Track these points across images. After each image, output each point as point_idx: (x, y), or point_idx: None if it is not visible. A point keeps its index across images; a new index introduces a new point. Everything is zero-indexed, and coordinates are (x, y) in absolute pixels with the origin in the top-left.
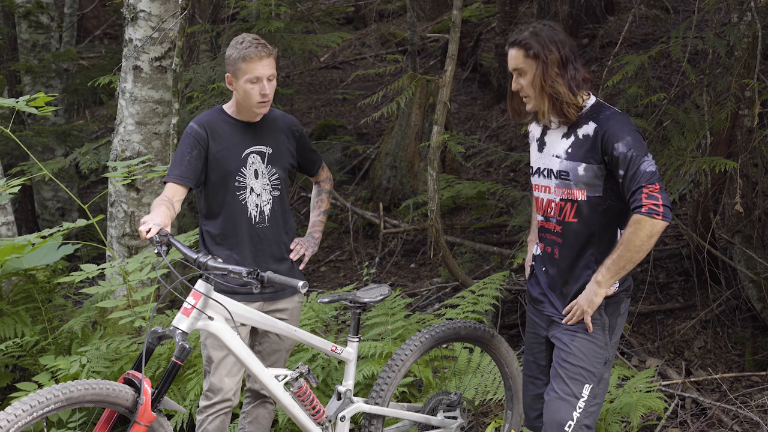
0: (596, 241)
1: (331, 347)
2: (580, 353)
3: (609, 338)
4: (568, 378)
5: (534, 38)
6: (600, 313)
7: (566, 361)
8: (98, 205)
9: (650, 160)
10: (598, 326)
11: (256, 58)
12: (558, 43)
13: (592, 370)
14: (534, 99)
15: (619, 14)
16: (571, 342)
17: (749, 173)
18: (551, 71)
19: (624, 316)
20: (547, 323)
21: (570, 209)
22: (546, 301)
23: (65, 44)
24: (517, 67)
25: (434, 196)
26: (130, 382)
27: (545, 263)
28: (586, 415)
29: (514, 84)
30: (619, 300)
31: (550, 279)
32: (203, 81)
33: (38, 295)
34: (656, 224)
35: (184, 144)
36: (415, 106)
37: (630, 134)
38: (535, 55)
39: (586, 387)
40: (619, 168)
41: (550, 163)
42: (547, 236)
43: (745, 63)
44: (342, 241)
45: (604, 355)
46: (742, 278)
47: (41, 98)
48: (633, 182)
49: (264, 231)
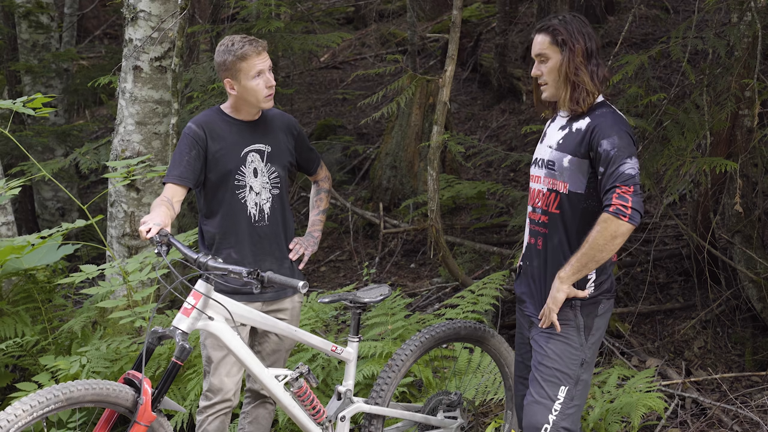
0: (571, 241)
1: (331, 347)
2: (555, 355)
3: (585, 339)
4: (543, 381)
5: (563, 26)
6: (575, 314)
7: (541, 364)
8: (98, 205)
9: (633, 163)
10: (572, 327)
11: (254, 54)
12: (586, 34)
13: (567, 371)
14: (552, 86)
15: (619, 14)
16: (546, 344)
17: (749, 173)
18: (576, 59)
19: (604, 317)
20: (528, 324)
21: (554, 200)
22: (528, 301)
23: (65, 44)
24: (541, 53)
25: (434, 196)
26: (130, 382)
27: (531, 257)
28: (563, 417)
29: (535, 69)
30: (597, 301)
31: (534, 271)
32: (203, 81)
33: (38, 295)
34: (621, 225)
35: (182, 144)
36: (415, 106)
37: (618, 134)
38: (563, 41)
39: (562, 389)
40: (600, 165)
41: (543, 153)
42: (534, 227)
43: (745, 63)
44: (342, 241)
45: (580, 357)
46: (742, 278)
47: (39, 99)
48: (609, 181)
49: (263, 229)
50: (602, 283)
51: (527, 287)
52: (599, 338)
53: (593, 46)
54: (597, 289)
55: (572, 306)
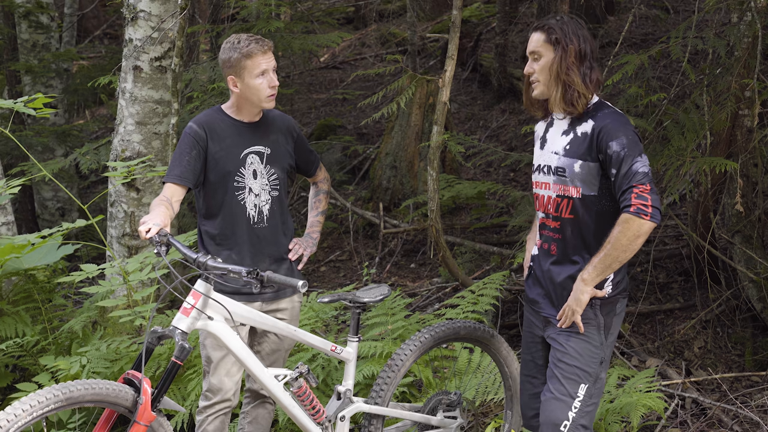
0: (589, 243)
1: (331, 347)
2: (576, 353)
3: (605, 338)
4: (564, 378)
5: (558, 25)
6: (595, 313)
7: (562, 361)
8: (98, 205)
9: (644, 160)
10: (593, 326)
11: (259, 53)
12: (581, 36)
13: (588, 369)
14: (544, 85)
15: (619, 14)
16: (567, 342)
17: (749, 173)
18: (568, 60)
19: (620, 316)
20: (543, 323)
21: (566, 206)
22: (543, 301)
23: (65, 44)
24: (535, 50)
25: (434, 196)
26: (130, 382)
27: (541, 260)
28: (582, 414)
29: (527, 67)
30: (615, 300)
31: (549, 274)
32: (203, 81)
33: (38, 295)
34: (643, 224)
35: (183, 144)
36: (415, 106)
37: (625, 134)
38: (556, 40)
39: (582, 387)
40: (611, 167)
41: (549, 160)
42: (546, 233)
43: (745, 63)
44: (342, 241)
45: (600, 355)
46: (742, 278)
47: (40, 99)
48: (624, 181)
49: (262, 231)
50: (619, 282)
51: (541, 288)
52: (615, 337)
53: (588, 48)
54: (615, 288)
55: (592, 305)
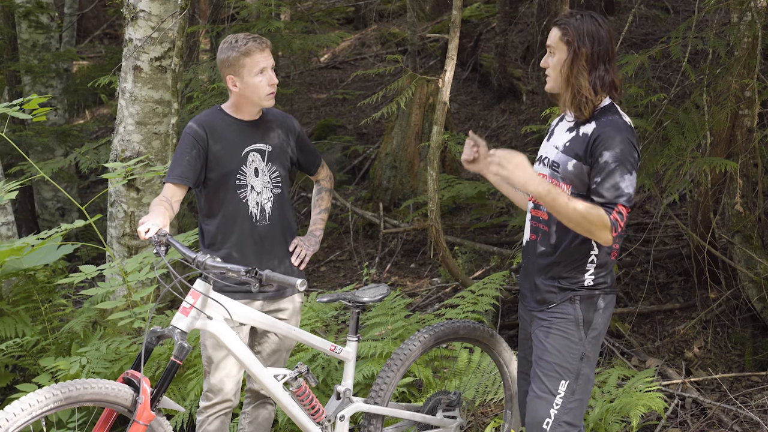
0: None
1: (330, 347)
2: (554, 349)
3: (584, 334)
4: (544, 375)
5: (574, 26)
6: (573, 308)
7: (541, 359)
8: (98, 205)
9: (632, 178)
10: (570, 321)
11: (257, 51)
12: (596, 38)
13: (567, 366)
14: (553, 80)
15: (619, 14)
16: (545, 339)
17: (749, 173)
18: (579, 63)
19: (604, 313)
20: (530, 319)
21: None
22: (528, 295)
23: (65, 44)
24: (551, 45)
25: (434, 196)
26: (130, 382)
27: (529, 251)
28: (564, 411)
29: (544, 60)
30: (594, 295)
31: (532, 266)
32: (203, 81)
33: (38, 295)
34: (604, 233)
35: (183, 144)
36: (415, 106)
37: (621, 146)
38: (569, 42)
39: (563, 383)
40: (596, 174)
41: (549, 153)
42: (536, 224)
43: (745, 63)
44: (342, 241)
45: (580, 351)
46: (742, 278)
47: (35, 100)
48: (609, 193)
49: (265, 229)
50: (602, 278)
51: (527, 282)
52: (600, 335)
53: (602, 51)
54: (595, 283)
55: (571, 300)
